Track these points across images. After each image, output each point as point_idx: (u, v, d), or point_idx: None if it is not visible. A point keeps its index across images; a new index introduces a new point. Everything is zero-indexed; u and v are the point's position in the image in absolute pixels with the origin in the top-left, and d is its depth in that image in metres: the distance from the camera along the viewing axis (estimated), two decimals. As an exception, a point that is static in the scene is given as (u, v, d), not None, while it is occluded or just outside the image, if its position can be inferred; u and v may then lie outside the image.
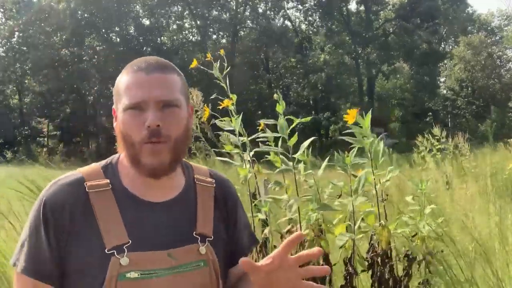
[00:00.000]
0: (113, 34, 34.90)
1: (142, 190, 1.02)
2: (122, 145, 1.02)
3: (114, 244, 0.95)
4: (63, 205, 0.97)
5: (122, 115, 1.01)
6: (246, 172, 1.99)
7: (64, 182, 1.00)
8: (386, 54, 35.63)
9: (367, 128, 1.85)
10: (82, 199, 0.98)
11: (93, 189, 0.99)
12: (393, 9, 36.65)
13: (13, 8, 33.18)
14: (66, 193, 0.98)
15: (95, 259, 0.95)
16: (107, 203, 0.98)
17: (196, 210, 1.05)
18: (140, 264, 0.94)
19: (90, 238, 0.96)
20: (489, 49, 33.44)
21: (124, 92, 1.01)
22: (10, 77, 33.48)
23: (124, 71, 1.05)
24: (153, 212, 1.00)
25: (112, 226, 0.96)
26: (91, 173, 1.02)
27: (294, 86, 36.81)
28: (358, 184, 1.84)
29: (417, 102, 34.66)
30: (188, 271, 0.98)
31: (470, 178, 5.16)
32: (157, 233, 0.99)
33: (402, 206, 2.36)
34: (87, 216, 0.97)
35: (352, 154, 1.87)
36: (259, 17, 35.87)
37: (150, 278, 0.94)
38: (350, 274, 1.89)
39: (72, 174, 1.03)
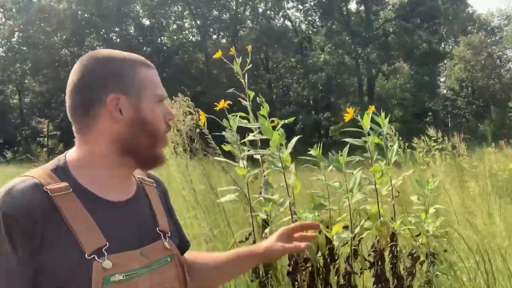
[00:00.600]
0: (113, 34, 34.91)
1: (102, 190, 0.98)
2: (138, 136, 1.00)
3: (93, 248, 0.90)
4: (29, 213, 0.86)
5: (152, 106, 1.02)
6: (244, 172, 1.99)
7: (20, 189, 0.89)
8: (386, 54, 35.64)
9: (367, 126, 1.86)
10: (47, 204, 0.89)
11: (56, 193, 0.91)
12: (393, 9, 36.66)
13: (13, 8, 33.18)
14: (28, 199, 0.88)
15: (74, 266, 0.88)
16: (74, 206, 0.92)
17: (151, 207, 1.08)
18: (122, 265, 0.92)
19: (65, 244, 0.88)
20: (489, 49, 33.45)
21: (151, 84, 1.03)
22: (10, 77, 33.47)
23: (134, 63, 1.03)
24: (119, 212, 0.99)
25: (86, 229, 0.90)
26: (45, 177, 0.93)
27: (294, 86, 36.82)
28: (354, 183, 1.85)
29: (417, 102, 34.67)
30: (160, 268, 1.00)
31: (469, 178, 5.16)
32: (127, 233, 0.98)
33: (406, 205, 2.36)
34: (56, 222, 0.89)
35: (345, 153, 1.88)
36: (259, 17, 35.88)
37: (134, 279, 0.93)
38: (349, 273, 1.90)
39: (23, 179, 0.92)
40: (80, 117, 1.00)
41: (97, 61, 1.01)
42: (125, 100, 0.99)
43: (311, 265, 1.92)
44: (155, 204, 1.09)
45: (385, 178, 1.90)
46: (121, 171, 1.02)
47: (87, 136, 1.00)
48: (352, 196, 1.83)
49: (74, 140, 1.03)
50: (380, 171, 1.86)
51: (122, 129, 0.99)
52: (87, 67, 1.00)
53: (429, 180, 1.98)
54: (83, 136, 1.00)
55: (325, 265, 1.94)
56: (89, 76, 0.99)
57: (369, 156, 1.89)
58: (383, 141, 1.94)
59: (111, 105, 0.98)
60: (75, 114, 1.01)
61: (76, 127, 1.01)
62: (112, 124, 0.98)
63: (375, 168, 1.85)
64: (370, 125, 1.89)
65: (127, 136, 0.99)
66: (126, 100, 0.99)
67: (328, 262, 1.94)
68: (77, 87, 1.00)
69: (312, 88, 35.18)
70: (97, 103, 0.98)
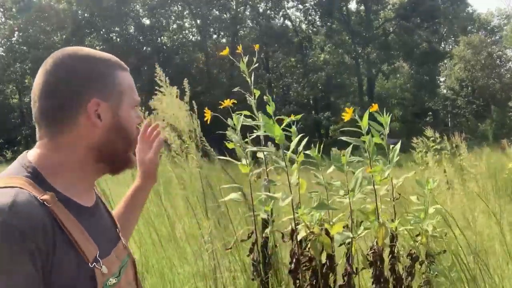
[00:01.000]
0: (113, 34, 34.91)
1: (77, 196, 0.94)
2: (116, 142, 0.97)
3: (93, 256, 0.89)
4: (43, 228, 0.82)
5: (128, 111, 0.99)
6: (247, 170, 1.99)
7: (23, 201, 0.82)
8: (386, 54, 35.65)
9: (365, 126, 1.86)
10: (48, 216, 0.84)
11: (51, 204, 0.85)
12: (393, 9, 36.66)
13: (13, 8, 33.18)
14: (38, 213, 0.82)
15: (81, 275, 0.87)
16: (66, 216, 0.87)
17: (107, 209, 1.08)
18: (112, 269, 0.93)
19: (69, 254, 0.86)
20: (489, 49, 33.45)
21: (129, 89, 1.00)
22: (10, 76, 33.47)
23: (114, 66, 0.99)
24: (92, 217, 0.97)
25: (82, 238, 0.89)
26: (30, 187, 0.86)
27: (294, 85, 36.81)
28: (356, 183, 1.85)
29: (417, 101, 34.68)
30: (126, 267, 1.02)
31: (469, 178, 5.15)
32: (103, 237, 0.97)
33: (405, 205, 2.37)
34: (61, 234, 0.85)
35: (347, 153, 1.88)
36: (259, 16, 35.87)
37: (119, 281, 0.95)
38: (349, 274, 1.90)
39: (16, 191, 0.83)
40: (53, 121, 0.92)
41: (77, 61, 0.94)
42: (105, 106, 0.94)
43: (315, 264, 1.92)
44: (105, 204, 1.10)
45: (386, 179, 1.90)
46: (93, 177, 1.00)
47: (61, 141, 0.93)
48: (353, 196, 1.83)
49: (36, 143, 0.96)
50: (380, 171, 1.86)
51: (100, 135, 0.95)
52: (65, 66, 0.93)
53: (429, 180, 1.98)
54: (55, 141, 0.93)
55: (330, 265, 1.94)
56: (69, 77, 0.92)
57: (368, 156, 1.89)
58: (384, 141, 1.94)
59: (91, 111, 0.93)
60: (47, 117, 0.93)
61: (46, 131, 0.93)
62: (91, 129, 0.93)
63: (375, 168, 1.85)
64: (372, 124, 1.90)
65: (104, 142, 0.96)
66: (106, 106, 0.95)
67: (332, 262, 1.94)
68: (52, 87, 0.92)
69: (312, 88, 35.17)
70: (76, 107, 0.92)
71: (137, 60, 29.16)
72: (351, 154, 1.89)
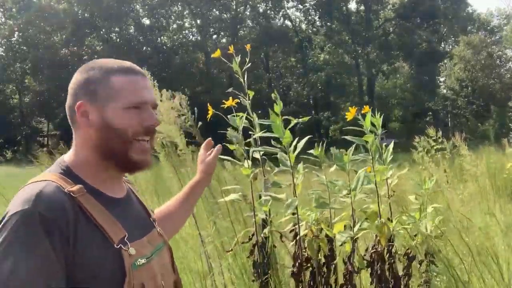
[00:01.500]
0: (113, 34, 34.91)
1: (107, 189, 1.08)
2: (106, 143, 1.06)
3: (119, 239, 1.01)
4: (63, 214, 0.95)
5: (119, 112, 1.06)
6: (249, 172, 1.98)
7: (49, 191, 0.97)
8: (386, 54, 35.64)
9: (368, 126, 1.86)
10: (73, 205, 0.97)
11: (77, 194, 0.99)
12: (393, 9, 36.66)
13: (13, 8, 33.18)
14: (59, 201, 0.96)
15: (106, 256, 0.98)
16: (93, 204, 1.01)
17: (140, 201, 1.21)
18: (140, 251, 1.04)
19: (95, 238, 0.98)
20: (489, 49, 33.45)
21: (122, 92, 1.07)
22: (10, 76, 33.48)
23: (108, 72, 1.08)
24: (123, 207, 1.10)
25: (109, 223, 1.01)
26: (61, 181, 1.01)
27: (294, 85, 36.82)
28: (357, 182, 1.85)
29: (417, 101, 34.67)
30: (160, 252, 1.14)
31: (469, 178, 5.16)
32: (134, 224, 1.09)
33: (404, 204, 2.37)
34: (83, 220, 0.98)
35: (350, 152, 1.88)
36: (259, 16, 35.88)
37: (150, 262, 1.07)
38: (350, 273, 1.90)
39: (45, 183, 0.99)
40: (70, 122, 1.10)
41: (81, 70, 1.09)
42: (91, 107, 1.06)
43: (312, 264, 1.92)
44: (140, 198, 1.22)
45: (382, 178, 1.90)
46: (110, 173, 1.10)
47: (77, 142, 1.09)
48: (356, 195, 1.83)
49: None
50: (384, 171, 1.85)
51: (94, 134, 1.06)
52: (74, 76, 1.10)
53: (426, 180, 1.98)
54: (76, 141, 1.09)
55: (327, 265, 1.94)
56: (72, 84, 1.09)
57: (369, 156, 1.88)
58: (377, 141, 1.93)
59: (78, 111, 1.06)
60: (68, 117, 1.10)
61: (72, 130, 1.10)
62: (86, 129, 1.06)
63: (379, 168, 1.84)
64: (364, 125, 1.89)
65: (99, 142, 1.06)
66: (91, 107, 1.06)
67: (329, 262, 1.94)
68: (68, 92, 1.10)
69: (312, 88, 35.18)
70: (73, 109, 1.07)
71: (137, 60, 28.91)
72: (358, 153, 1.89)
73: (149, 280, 1.05)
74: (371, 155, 1.88)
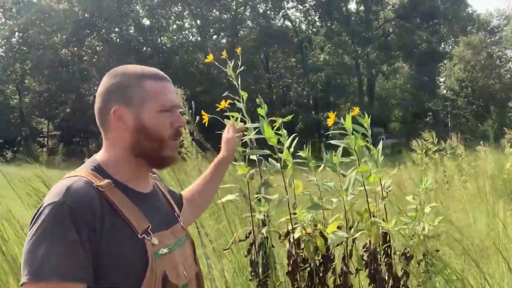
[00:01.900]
0: (113, 34, 34.93)
1: (134, 184, 1.17)
2: (142, 143, 1.16)
3: (142, 229, 1.09)
4: (90, 206, 1.03)
5: (154, 116, 1.16)
6: (245, 171, 2.00)
7: (79, 186, 1.06)
8: (386, 54, 35.66)
9: (349, 128, 1.88)
10: (100, 198, 1.06)
11: (104, 188, 1.08)
12: (393, 9, 36.68)
13: (13, 8, 33.20)
14: (87, 194, 1.05)
15: (130, 245, 1.07)
16: (120, 198, 1.10)
17: (165, 197, 1.30)
18: (163, 242, 1.13)
19: (120, 228, 1.07)
20: (489, 49, 33.47)
21: (155, 96, 1.17)
22: (10, 77, 33.50)
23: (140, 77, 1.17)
24: (149, 201, 1.19)
25: (134, 215, 1.10)
26: (91, 176, 1.10)
27: (294, 86, 36.84)
28: (349, 183, 1.86)
29: (417, 102, 34.69)
30: (183, 244, 1.22)
31: (469, 178, 5.16)
32: (159, 217, 1.18)
33: (402, 205, 2.37)
34: (110, 212, 1.06)
35: (338, 154, 1.90)
36: (259, 17, 35.90)
37: (172, 252, 1.15)
38: (345, 273, 1.90)
39: (76, 178, 1.08)
40: (100, 124, 1.18)
41: (110, 75, 1.18)
42: (126, 111, 1.15)
43: (310, 265, 1.93)
44: (165, 193, 1.32)
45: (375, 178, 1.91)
46: (140, 170, 1.20)
47: (109, 142, 1.18)
48: (347, 195, 1.84)
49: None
50: (367, 171, 1.87)
51: (128, 135, 1.15)
52: (104, 81, 1.18)
53: (423, 180, 1.99)
54: (107, 141, 1.18)
55: (324, 265, 1.94)
56: (103, 89, 1.17)
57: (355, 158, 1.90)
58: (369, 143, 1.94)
59: (114, 116, 1.15)
60: (97, 121, 1.19)
61: (102, 132, 1.19)
62: (120, 131, 1.15)
63: (362, 168, 1.86)
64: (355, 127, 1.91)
65: (132, 142, 1.16)
66: (127, 111, 1.15)
67: (326, 263, 1.94)
68: (97, 97, 1.18)
69: (312, 88, 35.21)
70: (106, 113, 1.16)
71: (137, 60, 29.16)
72: (347, 155, 1.90)
73: (171, 269, 1.13)
74: (356, 156, 1.90)
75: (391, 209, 2.34)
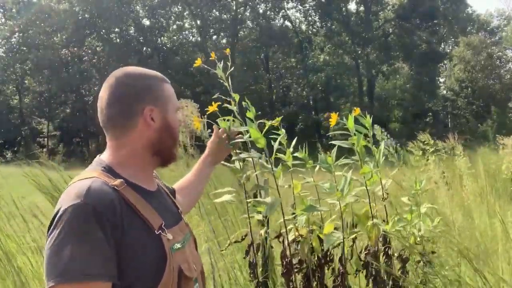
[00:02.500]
0: (113, 34, 34.90)
1: (142, 183, 1.22)
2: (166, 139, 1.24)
3: (158, 226, 1.14)
4: (112, 205, 1.07)
5: (173, 115, 1.26)
6: (240, 173, 1.99)
7: (97, 187, 1.09)
8: (386, 55, 35.63)
9: (352, 128, 1.87)
10: (119, 198, 1.10)
11: (120, 187, 1.12)
12: (393, 10, 36.64)
13: (13, 8, 33.18)
14: (107, 194, 1.08)
15: (148, 242, 1.11)
16: (134, 196, 1.14)
17: (168, 194, 1.36)
18: (176, 237, 1.19)
19: (138, 226, 1.11)
20: (489, 50, 33.44)
21: (171, 97, 1.27)
22: (10, 77, 33.47)
23: (160, 79, 1.26)
24: (157, 198, 1.24)
25: (149, 213, 1.14)
26: (104, 177, 1.14)
27: (294, 86, 36.82)
28: (344, 184, 1.85)
29: (417, 102, 34.65)
30: (188, 240, 1.27)
31: (468, 178, 5.16)
32: (167, 214, 1.23)
33: (400, 206, 2.37)
34: (127, 210, 1.10)
35: (333, 154, 1.89)
36: (259, 17, 35.87)
37: (184, 247, 1.21)
38: (342, 274, 1.90)
39: (93, 179, 1.11)
40: (117, 125, 1.21)
41: (127, 77, 1.22)
42: (157, 111, 1.22)
43: (306, 266, 1.93)
44: (167, 191, 1.37)
45: (375, 179, 1.90)
46: (149, 169, 1.27)
47: (124, 141, 1.21)
48: (343, 197, 1.83)
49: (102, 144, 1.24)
50: (369, 172, 1.87)
51: (153, 134, 1.22)
52: (124, 82, 1.22)
53: (417, 181, 1.99)
54: (120, 141, 1.21)
55: (320, 267, 1.94)
56: (128, 90, 1.21)
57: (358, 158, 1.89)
58: (370, 143, 1.94)
59: (147, 115, 1.21)
60: (113, 122, 1.21)
61: (112, 134, 1.22)
62: (146, 130, 1.21)
63: (364, 169, 1.85)
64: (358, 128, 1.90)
65: (157, 140, 1.23)
66: (157, 111, 1.22)
67: (322, 264, 1.94)
68: (116, 99, 1.20)
69: (312, 89, 35.18)
70: (134, 113, 1.20)
71: (137, 60, 29.17)
72: (347, 156, 1.90)
73: (184, 263, 1.18)
74: (359, 157, 1.89)
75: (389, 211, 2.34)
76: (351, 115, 1.89)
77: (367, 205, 1.91)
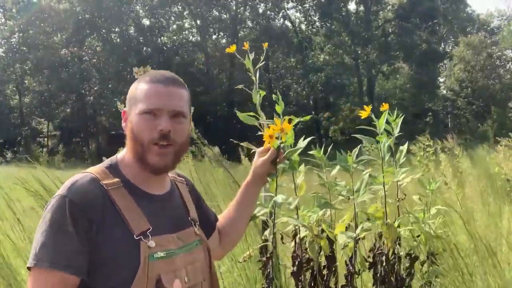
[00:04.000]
0: (113, 34, 34.89)
1: (145, 185, 1.20)
2: (131, 144, 1.18)
3: (140, 231, 1.11)
4: (90, 201, 1.08)
5: (135, 118, 1.17)
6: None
7: (83, 182, 1.11)
8: (385, 54, 35.61)
9: (381, 126, 1.85)
10: (103, 196, 1.10)
11: (110, 187, 1.12)
12: (393, 9, 36.62)
13: (13, 8, 33.16)
14: (89, 190, 1.10)
15: (125, 245, 1.09)
16: (124, 197, 1.13)
17: (183, 200, 1.31)
18: (162, 245, 1.13)
19: (117, 228, 1.10)
20: (489, 49, 33.43)
21: (142, 99, 1.18)
22: (10, 77, 33.45)
23: (141, 80, 1.21)
24: (158, 203, 1.21)
25: (134, 216, 1.12)
26: (101, 173, 1.15)
27: (294, 86, 36.81)
28: (361, 184, 1.82)
29: (417, 102, 34.63)
30: (192, 250, 1.22)
31: (468, 179, 5.15)
32: (166, 220, 1.19)
33: (407, 206, 2.36)
34: (110, 210, 1.10)
35: (354, 154, 1.86)
36: (259, 17, 35.86)
37: (171, 257, 1.14)
38: (351, 274, 1.89)
39: (84, 175, 1.14)
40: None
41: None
42: (126, 113, 1.22)
43: (313, 265, 1.92)
44: (186, 197, 1.32)
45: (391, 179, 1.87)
46: (145, 172, 1.20)
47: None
48: (359, 196, 1.79)
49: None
50: (393, 173, 1.83)
51: (127, 137, 1.21)
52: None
53: (431, 181, 1.98)
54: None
55: (328, 266, 1.93)
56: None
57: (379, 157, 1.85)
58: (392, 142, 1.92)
59: (124, 117, 1.23)
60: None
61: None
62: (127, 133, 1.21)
63: (389, 169, 1.82)
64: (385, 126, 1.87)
65: (129, 143, 1.20)
66: (126, 113, 1.22)
67: (331, 263, 1.93)
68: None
69: (312, 88, 35.17)
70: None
71: (137, 60, 29.14)
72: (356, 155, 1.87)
73: (168, 273, 1.13)
74: (382, 155, 1.85)
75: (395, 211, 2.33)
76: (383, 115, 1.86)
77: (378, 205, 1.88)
